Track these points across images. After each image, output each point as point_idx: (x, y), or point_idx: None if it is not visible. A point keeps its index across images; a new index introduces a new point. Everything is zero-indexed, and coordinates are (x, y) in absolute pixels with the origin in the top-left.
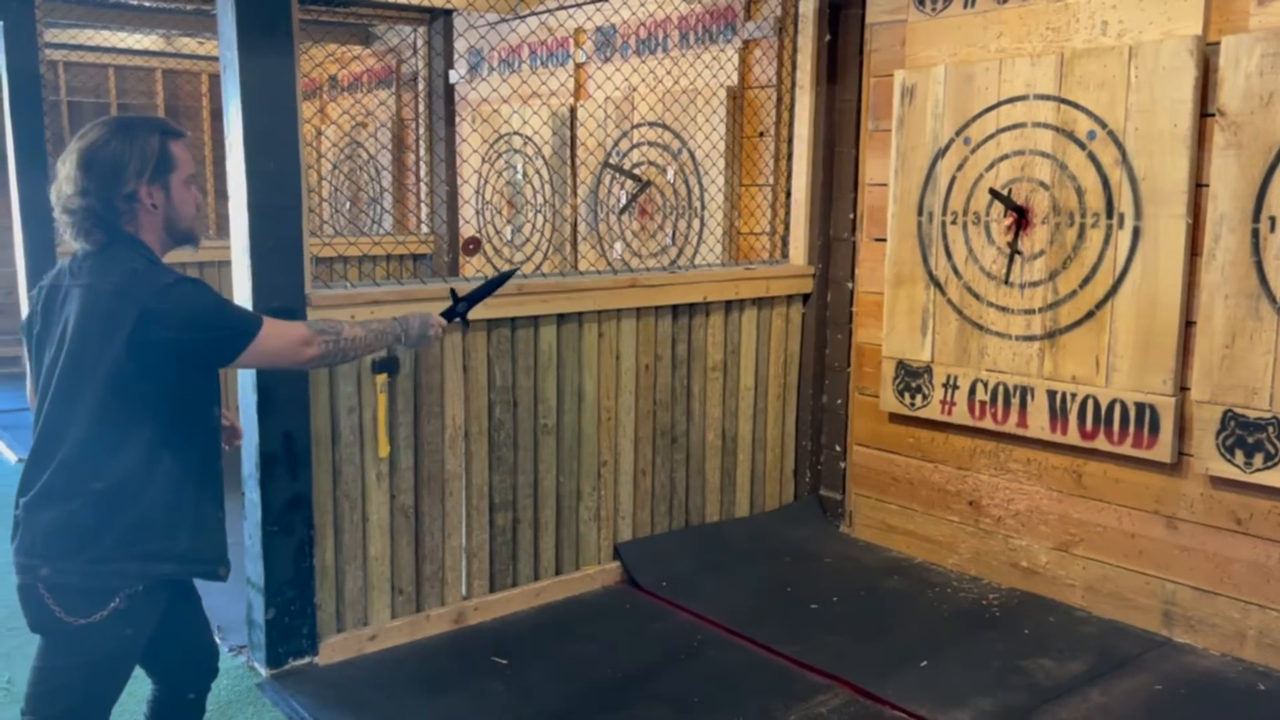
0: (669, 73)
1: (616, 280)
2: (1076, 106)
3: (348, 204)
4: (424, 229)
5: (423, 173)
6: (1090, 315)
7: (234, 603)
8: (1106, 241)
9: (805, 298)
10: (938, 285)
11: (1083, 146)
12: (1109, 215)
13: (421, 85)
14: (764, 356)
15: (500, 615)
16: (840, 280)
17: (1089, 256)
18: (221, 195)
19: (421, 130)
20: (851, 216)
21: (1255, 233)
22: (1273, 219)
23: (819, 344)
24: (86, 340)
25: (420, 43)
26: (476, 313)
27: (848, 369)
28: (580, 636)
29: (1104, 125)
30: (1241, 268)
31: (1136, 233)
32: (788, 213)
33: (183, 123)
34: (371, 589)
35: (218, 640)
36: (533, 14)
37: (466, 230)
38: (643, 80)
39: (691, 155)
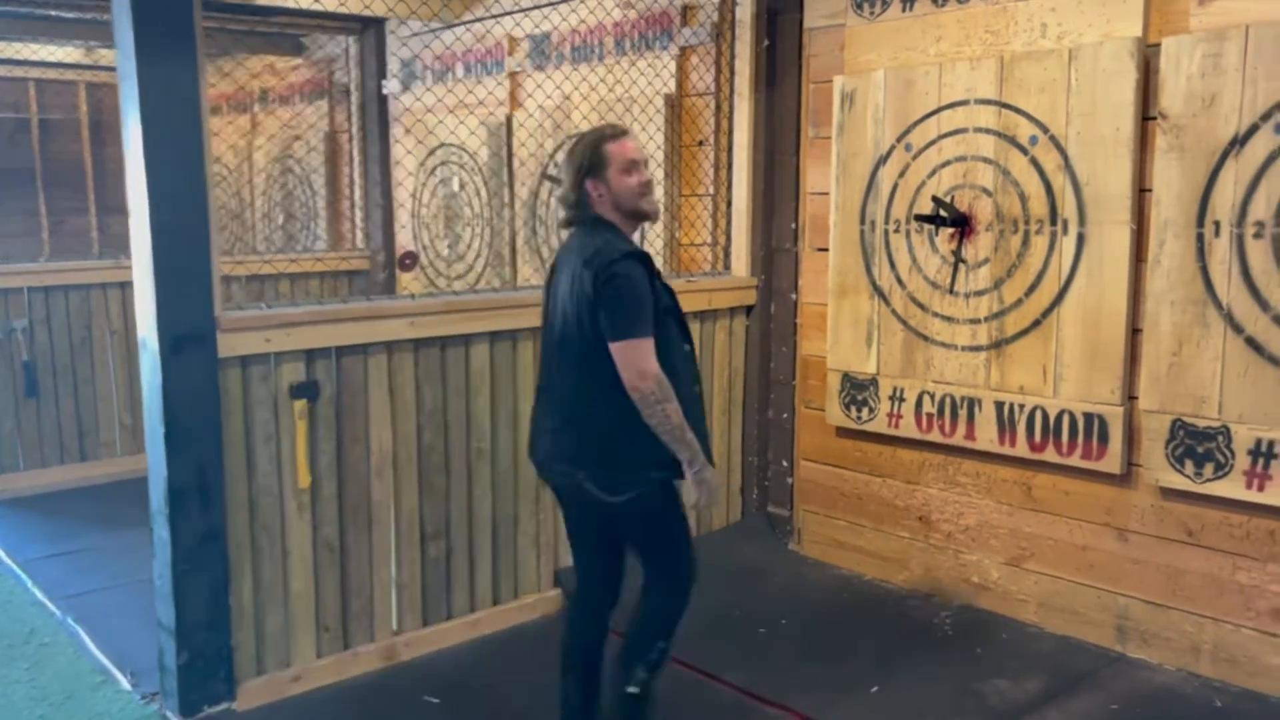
0: (603, 80)
1: None
2: (1017, 111)
3: (281, 219)
4: (359, 244)
5: (357, 187)
6: (1036, 324)
7: (146, 646)
8: (1051, 248)
9: (748, 310)
10: (882, 295)
11: (1025, 152)
12: (1053, 222)
13: (354, 97)
14: (707, 371)
15: (434, 649)
16: (783, 291)
17: (1034, 264)
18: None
19: (355, 143)
20: (793, 226)
21: (1200, 238)
22: (1217, 224)
23: (763, 357)
24: (570, 303)
25: (352, 53)
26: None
27: (793, 382)
28: (519, 669)
29: (1045, 130)
30: (1187, 274)
31: (1081, 239)
32: (729, 223)
33: (105, 137)
34: (294, 627)
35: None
36: (464, 23)
37: (403, 245)
38: (575, 88)
39: None
